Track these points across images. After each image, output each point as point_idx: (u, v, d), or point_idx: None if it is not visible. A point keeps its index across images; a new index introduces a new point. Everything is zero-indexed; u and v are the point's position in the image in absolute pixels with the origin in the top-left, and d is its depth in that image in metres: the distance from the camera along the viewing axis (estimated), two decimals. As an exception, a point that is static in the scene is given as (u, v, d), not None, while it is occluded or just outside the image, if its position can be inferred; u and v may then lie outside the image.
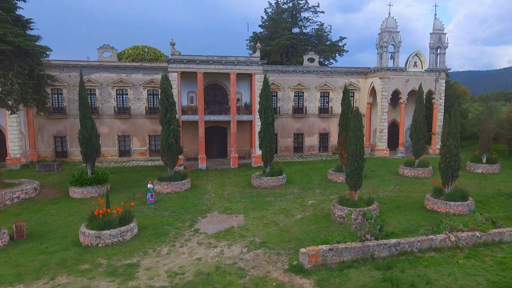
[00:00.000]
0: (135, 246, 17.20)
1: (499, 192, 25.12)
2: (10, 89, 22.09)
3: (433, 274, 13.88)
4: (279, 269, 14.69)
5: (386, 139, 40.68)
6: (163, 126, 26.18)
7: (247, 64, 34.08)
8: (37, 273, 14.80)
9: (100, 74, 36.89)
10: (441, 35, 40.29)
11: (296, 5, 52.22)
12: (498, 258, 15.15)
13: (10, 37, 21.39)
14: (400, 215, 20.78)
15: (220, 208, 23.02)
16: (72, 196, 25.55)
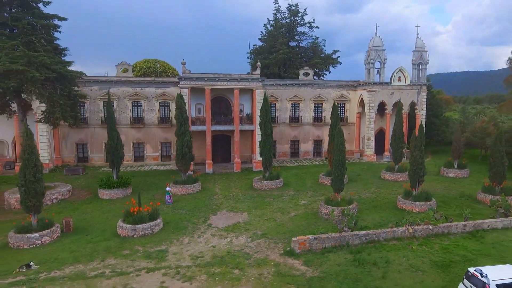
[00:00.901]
0: (162, 237, 21.75)
1: (462, 194, 29.75)
2: (53, 109, 26.63)
3: (392, 256, 18.47)
4: (276, 253, 19.26)
5: (373, 146, 45.25)
6: (178, 137, 30.71)
7: (248, 80, 38.68)
8: (90, 256, 19.35)
9: (118, 88, 41.40)
10: (422, 53, 44.92)
11: (293, 21, 56.79)
12: (444, 245, 19.76)
13: (54, 66, 25.92)
14: (375, 213, 25.38)
15: (227, 207, 27.58)
16: (101, 197, 30.06)
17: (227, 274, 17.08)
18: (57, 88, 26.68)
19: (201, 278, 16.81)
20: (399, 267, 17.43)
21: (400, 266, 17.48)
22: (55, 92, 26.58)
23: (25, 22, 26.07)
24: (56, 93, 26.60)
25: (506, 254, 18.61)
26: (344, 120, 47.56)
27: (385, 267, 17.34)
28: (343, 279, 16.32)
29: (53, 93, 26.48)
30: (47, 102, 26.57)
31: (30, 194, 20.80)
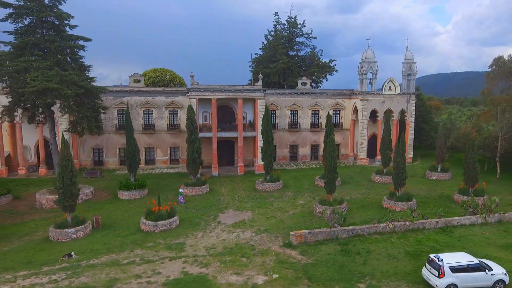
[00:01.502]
0: (179, 232, 25.42)
1: (441, 195, 33.43)
2: (81, 120, 30.33)
3: (373, 247, 22.15)
4: (276, 245, 22.95)
5: (366, 150, 48.91)
6: (189, 144, 34.37)
7: (251, 91, 42.38)
8: (120, 248, 23.02)
9: (130, 97, 45.03)
10: (411, 64, 48.62)
11: (292, 32, 60.47)
12: (418, 238, 23.44)
13: (82, 82, 29.60)
14: (363, 211, 29.07)
15: (233, 206, 31.26)
16: (121, 198, 33.72)
17: (236, 262, 20.76)
18: (84, 102, 30.38)
19: (215, 264, 20.49)
20: (378, 256, 21.11)
21: (379, 255, 21.16)
22: (82, 105, 30.26)
23: (57, 44, 29.76)
24: (84, 106, 30.31)
25: (468, 245, 22.29)
26: (339, 126, 51.24)
27: (366, 255, 21.03)
28: (331, 265, 20.01)
29: (81, 107, 30.16)
30: (76, 114, 30.26)
31: (67, 195, 24.44)
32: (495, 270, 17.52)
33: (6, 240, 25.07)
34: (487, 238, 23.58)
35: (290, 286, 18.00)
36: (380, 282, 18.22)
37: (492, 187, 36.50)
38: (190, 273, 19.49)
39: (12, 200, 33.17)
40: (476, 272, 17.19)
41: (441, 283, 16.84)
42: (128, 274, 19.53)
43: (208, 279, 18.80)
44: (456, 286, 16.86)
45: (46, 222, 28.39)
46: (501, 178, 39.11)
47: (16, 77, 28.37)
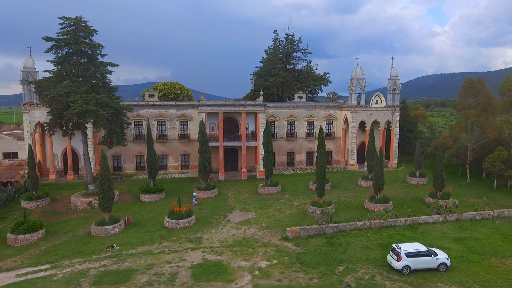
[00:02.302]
0: (196, 228, 31.15)
1: (415, 197, 39.22)
2: (112, 135, 36.09)
3: (352, 240, 27.92)
4: (276, 239, 28.69)
5: (355, 157, 54.66)
6: (200, 154, 40.08)
7: (253, 106, 48.16)
8: (151, 241, 28.75)
9: (146, 110, 50.70)
10: (396, 80, 54.44)
11: (290, 48, 66.22)
12: (390, 233, 29.22)
13: (112, 104, 35.35)
14: (348, 212, 34.84)
15: (239, 207, 37.01)
16: (143, 200, 39.42)
17: (244, 251, 26.51)
18: (114, 120, 36.11)
19: (228, 253, 26.23)
20: (355, 247, 26.89)
21: (356, 246, 26.94)
22: (113, 123, 35.98)
23: (91, 71, 35.48)
24: (114, 123, 36.03)
25: (428, 239, 28.07)
26: (332, 135, 57.03)
27: (346, 246, 26.81)
28: (318, 253, 25.77)
29: (112, 124, 35.87)
30: (107, 130, 35.99)
31: (106, 198, 30.16)
32: (439, 255, 23.32)
33: (55, 235, 30.81)
34: (444, 233, 29.39)
35: (286, 268, 23.75)
36: (354, 266, 23.97)
37: (462, 190, 42.42)
38: (209, 260, 25.24)
39: (50, 202, 38.82)
40: (425, 257, 22.96)
41: (399, 265, 22.62)
42: (161, 260, 25.26)
43: (223, 264, 24.55)
44: (410, 267, 22.62)
45: (83, 220, 34.17)
46: (470, 182, 44.92)
47: (59, 100, 34.06)
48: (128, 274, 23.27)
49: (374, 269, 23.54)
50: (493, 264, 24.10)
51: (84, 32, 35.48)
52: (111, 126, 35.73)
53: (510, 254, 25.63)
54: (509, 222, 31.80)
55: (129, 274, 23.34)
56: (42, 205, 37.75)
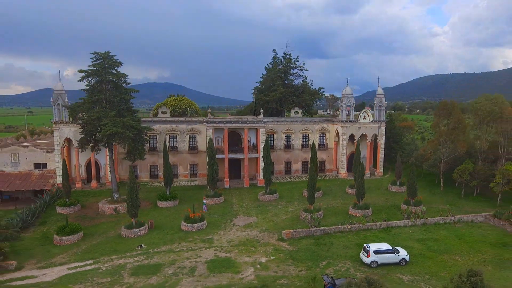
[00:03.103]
0: (207, 231, 37.66)
1: (393, 204, 45.67)
2: (134, 151, 42.66)
3: (335, 241, 34.43)
4: (273, 239, 35.22)
5: (346, 166, 61.14)
6: (209, 166, 46.58)
7: (254, 122, 54.70)
8: (171, 241, 35.28)
9: (159, 125, 57.19)
10: (381, 98, 60.95)
11: (287, 66, 72.78)
12: (366, 235, 35.72)
13: (136, 125, 41.91)
14: (334, 217, 41.33)
15: (243, 213, 43.52)
16: (159, 206, 45.91)
17: (248, 249, 33.02)
18: (137, 139, 42.67)
19: (235, 251, 32.74)
20: (337, 246, 33.39)
21: (338, 245, 33.45)
22: (136, 141, 42.54)
23: (118, 98, 42.03)
24: (137, 142, 42.59)
25: (397, 239, 34.54)
26: (325, 146, 63.54)
27: (330, 246, 33.32)
28: (307, 251, 32.28)
29: (135, 142, 42.42)
30: (131, 148, 42.54)
31: (133, 206, 36.66)
32: (401, 253, 29.85)
33: (91, 236, 37.34)
34: (411, 235, 35.90)
35: (281, 263, 30.27)
36: (335, 261, 30.49)
37: (435, 198, 48.92)
38: (220, 256, 31.78)
39: (80, 208, 45.31)
40: (389, 254, 29.47)
41: (368, 260, 29.14)
42: (181, 257, 31.79)
43: (232, 259, 31.08)
44: (377, 261, 29.14)
45: (112, 224, 40.69)
46: (444, 190, 51.36)
47: (92, 123, 40.61)
48: (157, 268, 29.82)
49: (349, 263, 30.06)
50: (444, 260, 30.61)
51: (111, 64, 42.02)
52: (134, 144, 42.30)
53: (460, 252, 32.17)
54: (466, 226, 38.31)
55: (158, 267, 29.88)
56: (74, 210, 44.24)
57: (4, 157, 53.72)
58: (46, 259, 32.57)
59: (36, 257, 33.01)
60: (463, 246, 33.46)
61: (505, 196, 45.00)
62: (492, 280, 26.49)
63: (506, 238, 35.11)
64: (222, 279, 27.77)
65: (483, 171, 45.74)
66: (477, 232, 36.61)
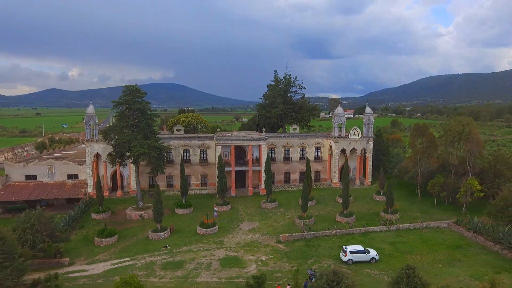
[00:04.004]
0: (219, 234, 46.08)
1: (374, 212, 53.71)
2: (158, 167, 51.20)
3: (322, 243, 42.74)
4: (272, 242, 43.60)
5: (338, 176, 69.24)
6: (219, 179, 54.95)
7: (257, 139, 63.07)
8: (190, 243, 43.76)
9: (174, 141, 65.67)
10: (370, 117, 69.07)
11: (287, 85, 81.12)
12: (348, 238, 43.93)
13: (159, 146, 50.44)
14: (323, 223, 49.54)
15: (247, 219, 51.85)
16: (177, 213, 54.34)
17: (251, 249, 41.38)
18: (159, 157, 51.21)
19: (241, 251, 41.11)
20: (324, 247, 41.65)
21: (324, 247, 41.70)
22: (159, 159, 51.09)
23: (144, 123, 50.56)
24: (160, 160, 51.12)
25: (372, 242, 42.68)
26: (320, 158, 71.75)
27: (317, 247, 41.60)
28: (298, 251, 40.58)
29: (158, 160, 50.97)
30: (155, 165, 51.08)
31: (158, 213, 45.08)
32: (371, 253, 38.06)
33: (124, 239, 45.79)
34: (385, 238, 44.07)
35: (278, 260, 38.56)
36: (320, 259, 38.73)
37: (412, 206, 56.95)
38: (230, 255, 40.15)
39: (111, 215, 53.81)
40: (362, 254, 37.69)
41: (345, 258, 37.39)
42: (199, 255, 40.20)
43: (239, 257, 39.44)
44: (352, 260, 37.37)
45: (139, 228, 49.14)
46: (420, 200, 59.37)
47: (122, 145, 49.19)
48: (181, 264, 38.25)
49: (331, 261, 38.32)
50: (407, 259, 38.73)
51: (138, 95, 50.55)
52: (157, 162, 50.85)
53: (421, 252, 40.34)
54: (432, 231, 46.43)
55: (181, 263, 38.31)
56: (106, 217, 52.72)
57: (42, 169, 62.44)
58: (92, 257, 41.11)
59: (83, 255, 41.54)
60: (424, 248, 41.62)
61: (470, 206, 52.91)
62: (439, 274, 34.80)
63: (461, 242, 43.25)
64: (232, 273, 36.15)
65: (451, 184, 53.77)
66: (439, 237, 44.76)
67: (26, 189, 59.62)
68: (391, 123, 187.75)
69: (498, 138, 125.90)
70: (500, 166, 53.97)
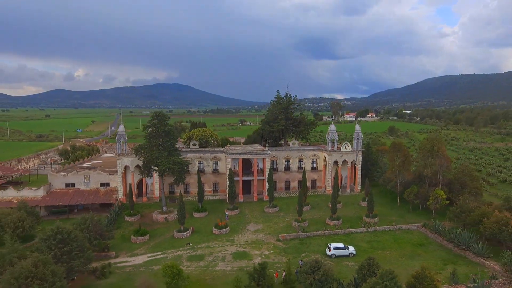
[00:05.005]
0: (230, 234, 57.18)
1: (359, 216, 64.38)
2: (180, 179, 62.40)
3: (313, 241, 53.69)
4: (273, 240, 54.64)
5: (331, 184, 79.87)
6: (229, 188, 65.99)
7: (261, 153, 74.08)
8: (207, 241, 54.95)
9: (190, 154, 76.78)
10: (359, 133, 79.81)
11: (288, 103, 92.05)
12: (334, 238, 54.80)
13: (181, 162, 61.68)
14: (316, 225, 60.40)
15: (253, 221, 62.87)
16: (195, 216, 65.44)
17: (256, 246, 52.43)
18: (181, 170, 62.35)
19: (248, 247, 52.15)
20: (314, 245, 52.53)
21: (315, 245, 52.59)
22: (181, 173, 62.24)
23: (168, 143, 61.74)
24: (182, 173, 62.28)
25: (353, 241, 53.43)
26: (316, 168, 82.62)
27: (309, 244, 52.53)
28: (294, 248, 51.55)
29: (180, 173, 62.13)
30: (177, 177, 62.21)
31: (182, 217, 56.21)
32: (350, 249, 48.95)
33: (154, 237, 56.92)
34: (363, 238, 54.85)
35: (277, 255, 49.54)
36: (310, 254, 49.57)
37: (392, 211, 67.61)
38: (239, 250, 51.22)
39: (140, 218, 65.01)
40: (343, 250, 48.58)
41: (329, 253, 48.31)
42: (215, 250, 51.29)
43: (247, 252, 50.49)
44: (335, 254, 48.25)
45: (165, 229, 60.25)
46: (400, 206, 70.03)
47: (151, 161, 60.42)
48: (202, 257, 49.32)
49: (319, 255, 48.98)
50: (378, 253, 49.41)
51: (164, 120, 61.78)
52: (179, 175, 62.07)
53: (390, 249, 51.09)
54: (403, 233, 57.11)
55: (202, 256, 49.39)
56: (136, 219, 63.92)
57: (79, 178, 73.85)
58: (131, 251, 52.29)
59: (124, 250, 52.72)
60: (394, 246, 52.40)
61: (439, 211, 63.44)
62: (400, 265, 45.60)
63: (424, 241, 53.97)
64: (242, 263, 47.17)
65: (423, 193, 64.44)
66: (408, 237, 55.51)
67: (66, 195, 71.03)
68: (388, 129, 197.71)
69: (485, 146, 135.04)
70: (464, 178, 64.50)
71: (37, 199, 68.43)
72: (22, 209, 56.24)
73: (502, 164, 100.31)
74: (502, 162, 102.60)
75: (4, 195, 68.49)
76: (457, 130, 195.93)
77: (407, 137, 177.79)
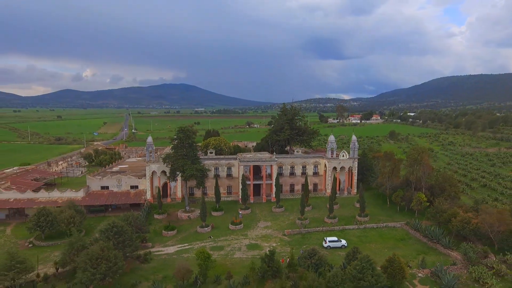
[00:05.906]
0: (244, 230, 68.74)
1: (353, 215, 75.46)
2: (200, 183, 74.10)
3: (313, 236, 65.06)
4: (280, 235, 66.11)
5: (331, 188, 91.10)
6: (242, 191, 77.49)
7: (270, 161, 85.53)
8: (225, 235, 66.64)
9: (208, 161, 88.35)
10: (355, 142, 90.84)
11: (293, 114, 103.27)
12: (330, 233, 66.06)
13: (203, 169, 73.37)
14: (315, 223, 71.63)
15: (263, 219, 74.32)
16: (213, 215, 77.00)
17: (266, 240, 63.92)
18: (203, 176, 73.98)
19: (259, 240, 63.65)
20: (314, 238, 63.84)
21: (314, 238, 63.90)
22: (203, 178, 73.88)
23: (192, 154, 73.35)
24: (203, 178, 73.91)
25: (346, 236, 64.63)
26: (317, 173, 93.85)
27: (309, 238, 63.88)
28: (296, 241, 62.94)
29: (202, 179, 73.76)
30: (199, 182, 73.85)
31: (204, 215, 67.86)
32: (342, 242, 60.21)
33: (181, 232, 68.58)
34: (354, 233, 65.99)
35: (283, 246, 60.92)
36: (310, 245, 60.69)
37: (382, 211, 78.59)
38: (252, 242, 62.75)
39: (167, 216, 76.71)
40: (336, 242, 59.84)
41: (325, 245, 59.60)
42: (232, 243, 62.89)
43: (258, 244, 62.00)
44: (330, 246, 59.54)
45: (189, 226, 71.90)
46: (389, 207, 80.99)
47: (178, 168, 72.14)
48: (222, 247, 60.89)
49: (317, 247, 60.26)
50: (366, 246, 60.47)
51: (188, 134, 73.51)
52: (201, 180, 73.77)
53: (375, 242, 62.19)
54: (388, 229, 68.11)
55: (222, 247, 60.97)
56: (164, 217, 75.66)
57: (112, 181, 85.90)
58: (163, 243, 63.99)
59: (157, 242, 64.42)
60: (379, 240, 63.52)
61: (422, 212, 74.19)
62: (382, 255, 56.55)
63: (405, 236, 65.00)
64: (255, 253, 58.64)
65: (408, 196, 75.39)
66: (392, 233, 66.56)
67: (102, 196, 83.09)
68: (389, 134, 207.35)
69: (478, 151, 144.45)
70: (444, 184, 75.31)
71: (78, 199, 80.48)
72: (72, 207, 68.22)
73: (487, 169, 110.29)
74: (488, 168, 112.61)
75: (51, 196, 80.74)
76: (455, 135, 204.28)
77: (407, 141, 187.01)
